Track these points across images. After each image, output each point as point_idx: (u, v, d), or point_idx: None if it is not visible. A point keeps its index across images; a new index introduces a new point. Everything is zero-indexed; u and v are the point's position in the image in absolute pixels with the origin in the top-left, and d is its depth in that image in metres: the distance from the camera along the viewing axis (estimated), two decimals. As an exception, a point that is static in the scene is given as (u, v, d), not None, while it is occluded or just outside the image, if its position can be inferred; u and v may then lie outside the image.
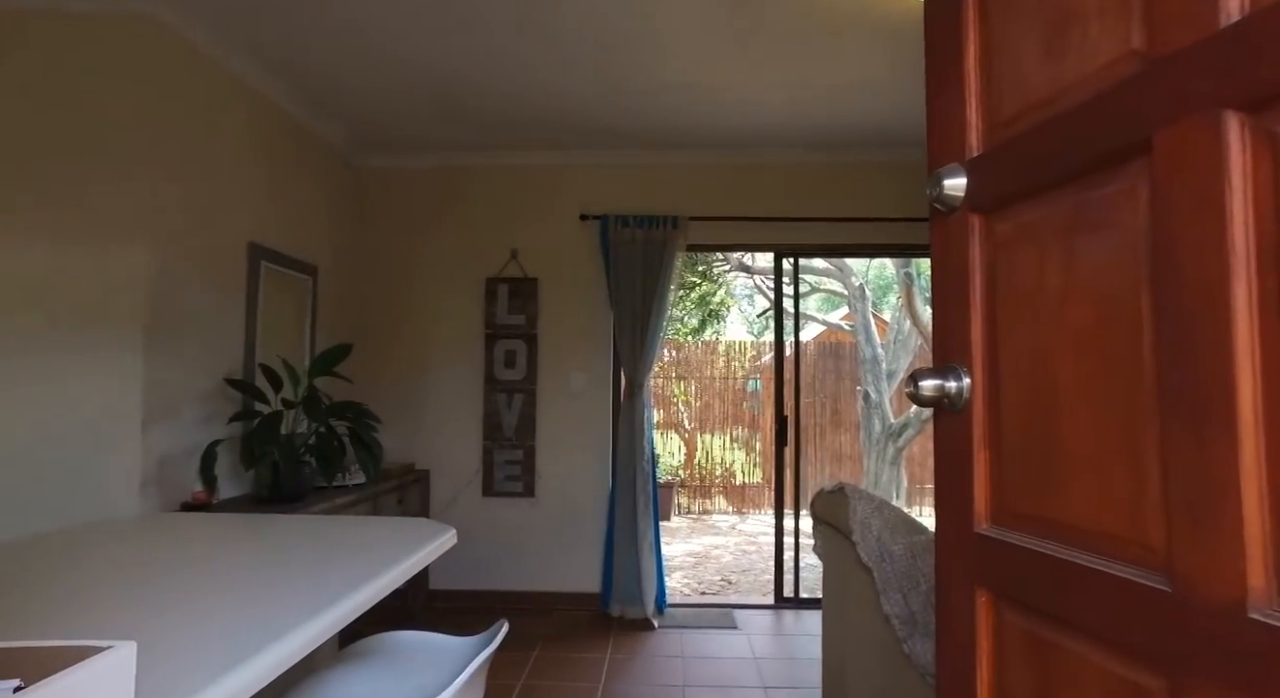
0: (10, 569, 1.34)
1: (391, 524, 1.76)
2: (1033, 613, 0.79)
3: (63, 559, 1.42)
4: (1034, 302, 0.82)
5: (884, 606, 1.95)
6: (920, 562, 1.89)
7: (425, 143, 4.19)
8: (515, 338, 4.28)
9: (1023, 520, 0.83)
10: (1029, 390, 0.83)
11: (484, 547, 4.24)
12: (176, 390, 2.75)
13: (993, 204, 0.90)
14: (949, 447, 0.98)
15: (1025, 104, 0.82)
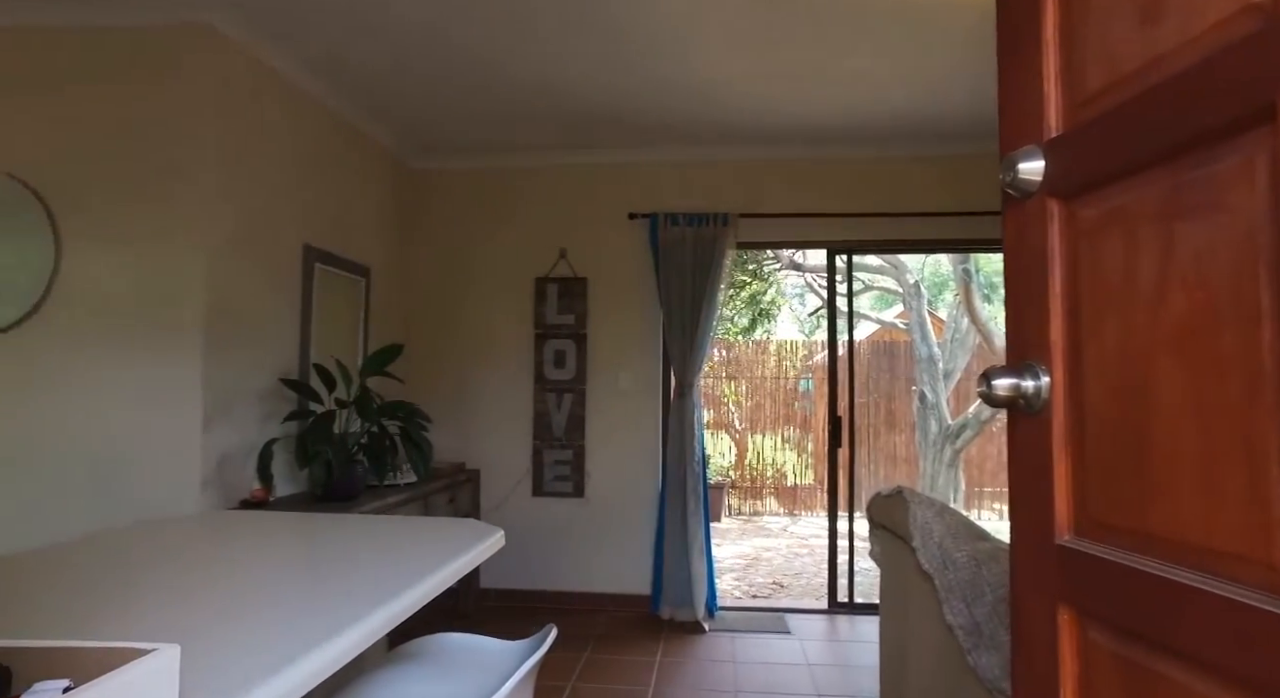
0: (69, 567, 1.36)
1: (441, 525, 1.75)
2: (1127, 636, 0.72)
3: (120, 557, 1.45)
4: (1126, 293, 0.75)
5: (946, 615, 1.86)
6: (985, 570, 1.80)
7: (475, 144, 4.22)
8: (564, 338, 4.28)
9: (1113, 533, 0.76)
10: (1120, 390, 0.76)
11: (534, 547, 4.25)
12: (234, 390, 2.81)
13: (1075, 188, 0.83)
14: (1025, 451, 0.91)
15: (1115, 76, 0.75)
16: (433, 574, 1.33)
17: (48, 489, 2.65)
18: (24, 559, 1.40)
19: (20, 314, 2.68)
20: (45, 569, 1.35)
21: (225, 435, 2.75)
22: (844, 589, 4.26)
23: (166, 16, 2.69)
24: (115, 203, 2.69)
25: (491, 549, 1.62)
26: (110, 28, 2.72)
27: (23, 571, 1.33)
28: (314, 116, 3.37)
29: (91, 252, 2.69)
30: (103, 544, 1.53)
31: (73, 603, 1.14)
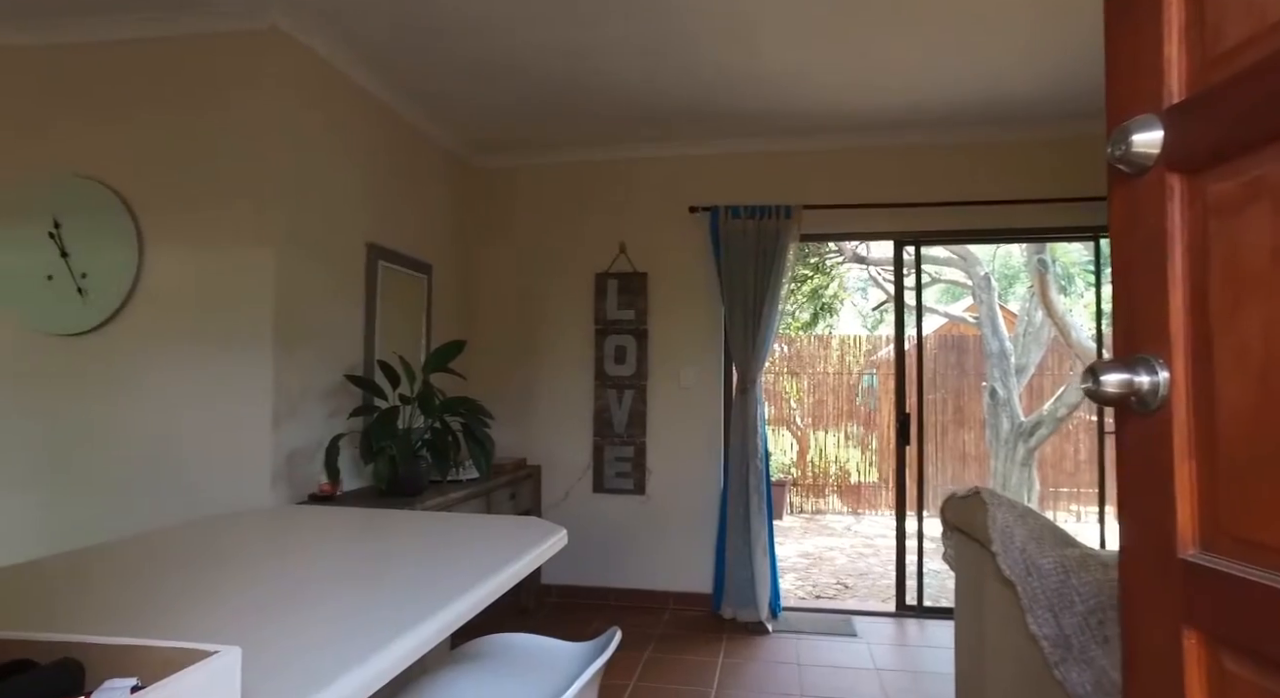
0: (143, 561, 1.39)
1: (503, 522, 1.73)
2: (1274, 668, 0.63)
3: (191, 552, 1.47)
4: (1269, 278, 0.66)
5: (1030, 625, 1.75)
6: (1074, 579, 1.68)
7: (534, 141, 4.22)
8: (625, 333, 4.25)
9: (1252, 549, 0.67)
10: (1259, 388, 0.67)
11: (595, 543, 4.24)
12: (302, 387, 2.87)
13: (1202, 160, 0.74)
14: (1139, 454, 0.82)
15: (1257, 27, 0.66)
16: (496, 574, 1.31)
17: (129, 483, 2.76)
18: (100, 552, 1.44)
19: (107, 315, 2.79)
20: (121, 563, 1.38)
21: (294, 431, 2.81)
22: (913, 592, 4.12)
23: (235, 23, 2.76)
24: (191, 206, 2.78)
25: (554, 549, 1.60)
26: (183, 37, 2.81)
27: (99, 564, 1.37)
28: (376, 116, 3.42)
29: (170, 254, 2.79)
30: (175, 539, 1.56)
31: (143, 598, 1.15)
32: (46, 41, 2.89)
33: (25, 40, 2.90)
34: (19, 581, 1.26)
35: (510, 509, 3.76)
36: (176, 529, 1.62)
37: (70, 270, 2.81)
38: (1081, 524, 7.11)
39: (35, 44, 2.90)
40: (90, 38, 2.86)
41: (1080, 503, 7.39)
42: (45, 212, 2.84)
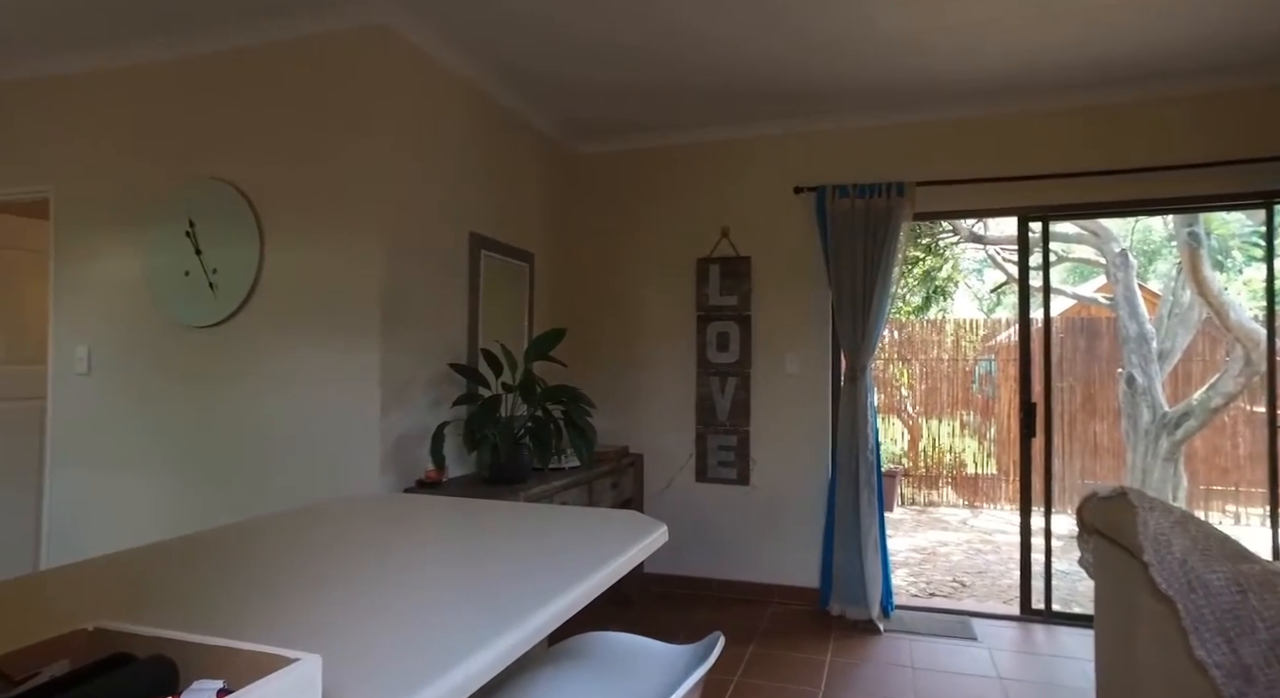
0: (246, 548, 1.42)
1: (602, 516, 1.69)
2: None
3: (290, 542, 1.50)
4: None
5: (1196, 649, 1.54)
6: (1255, 600, 1.46)
7: (633, 125, 4.16)
8: (728, 320, 4.13)
9: None
10: None
11: (698, 534, 4.17)
12: (409, 375, 2.94)
13: None
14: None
15: None
16: (597, 571, 1.26)
17: (254, 465, 2.92)
18: (208, 539, 1.49)
19: (234, 308, 2.96)
20: (226, 549, 1.42)
21: (401, 418, 2.89)
22: (1039, 594, 3.82)
23: (347, 23, 2.83)
24: (305, 201, 2.89)
25: (654, 546, 1.53)
26: (299, 39, 2.91)
27: (205, 550, 1.41)
28: (477, 107, 3.45)
29: (287, 248, 2.91)
30: (279, 526, 1.60)
31: (242, 590, 1.17)
32: (182, 55, 3.07)
33: (165, 56, 3.09)
34: (130, 565, 1.31)
35: (612, 498, 3.74)
36: (283, 516, 1.67)
37: (203, 267, 2.99)
38: (1243, 528, 6.43)
39: (173, 58, 3.08)
40: (220, 48, 3.01)
41: (1240, 504, 6.67)
42: (183, 213, 3.03)
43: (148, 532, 3.07)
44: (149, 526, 3.08)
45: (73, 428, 3.25)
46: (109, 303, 3.20)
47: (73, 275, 3.29)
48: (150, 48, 3.10)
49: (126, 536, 3.10)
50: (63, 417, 3.27)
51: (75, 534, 3.22)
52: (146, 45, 3.10)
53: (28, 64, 3.32)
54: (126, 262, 3.17)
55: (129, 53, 3.15)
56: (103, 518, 3.17)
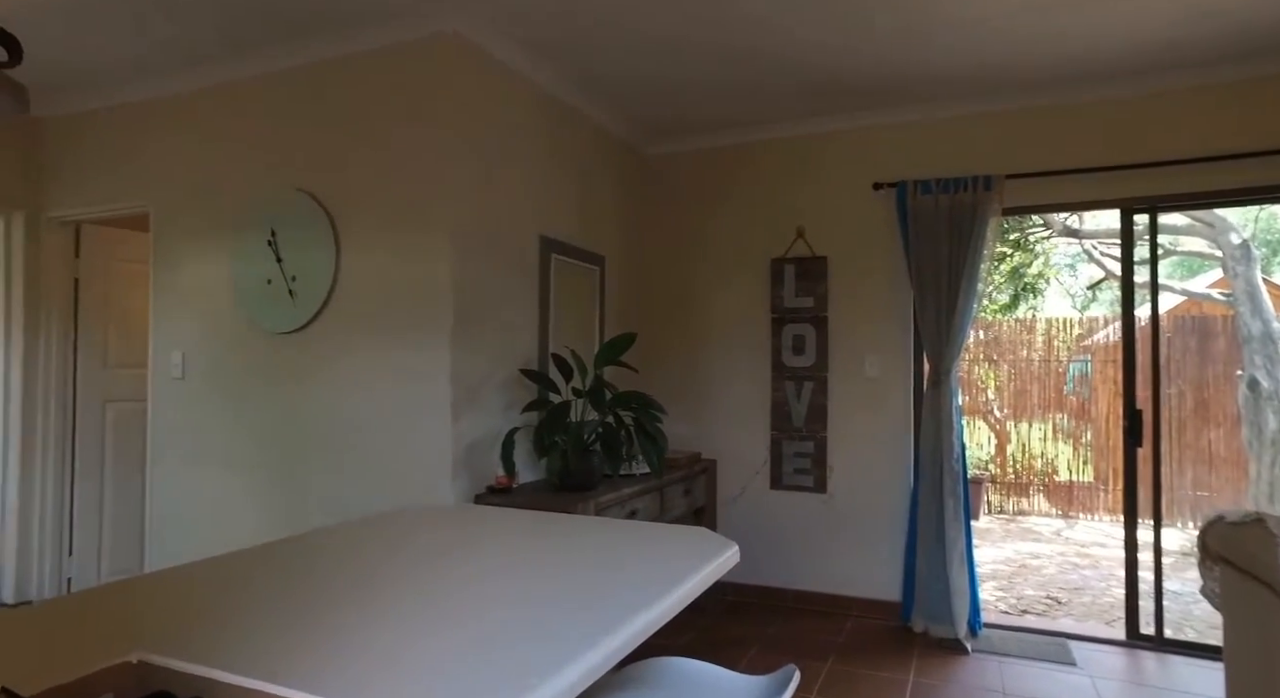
0: (308, 563, 1.41)
1: (671, 535, 1.61)
2: None
3: (356, 555, 1.49)
4: None
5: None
6: None
7: (703, 123, 4.07)
8: (803, 322, 4.00)
9: None
10: None
11: (772, 542, 4.05)
12: (480, 380, 2.95)
13: None
14: None
15: None
16: (664, 598, 1.19)
17: (332, 469, 2.98)
18: (267, 553, 1.49)
19: (312, 314, 3.03)
20: (285, 564, 1.41)
21: (472, 423, 2.89)
22: (1148, 616, 3.53)
23: (418, 31, 2.85)
24: (378, 209, 2.93)
25: (725, 567, 1.45)
26: (373, 51, 2.96)
27: (263, 565, 1.41)
28: (548, 110, 3.43)
29: (361, 255, 2.96)
30: (345, 539, 1.59)
31: (289, 616, 1.15)
32: (266, 71, 3.17)
33: (250, 73, 3.20)
34: (179, 585, 1.31)
35: (684, 505, 3.67)
36: (342, 530, 1.67)
37: (284, 274, 3.08)
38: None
39: (258, 75, 3.19)
40: (300, 62, 3.09)
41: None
42: (265, 223, 3.13)
43: (237, 528, 3.19)
44: (238, 522, 3.19)
45: (169, 429, 3.41)
46: (201, 310, 3.34)
47: (169, 284, 3.45)
48: (237, 67, 3.21)
49: (218, 531, 3.24)
50: (160, 418, 3.44)
51: (173, 528, 3.38)
52: (233, 65, 3.21)
53: (129, 89, 3.50)
54: (216, 270, 3.29)
55: (217, 72, 3.27)
56: (197, 513, 3.31)
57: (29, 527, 3.80)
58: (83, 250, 3.93)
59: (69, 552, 3.90)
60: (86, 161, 3.70)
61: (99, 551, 3.98)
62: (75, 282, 3.92)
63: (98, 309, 3.97)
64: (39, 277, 3.81)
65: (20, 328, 3.77)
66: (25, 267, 3.79)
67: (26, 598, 3.81)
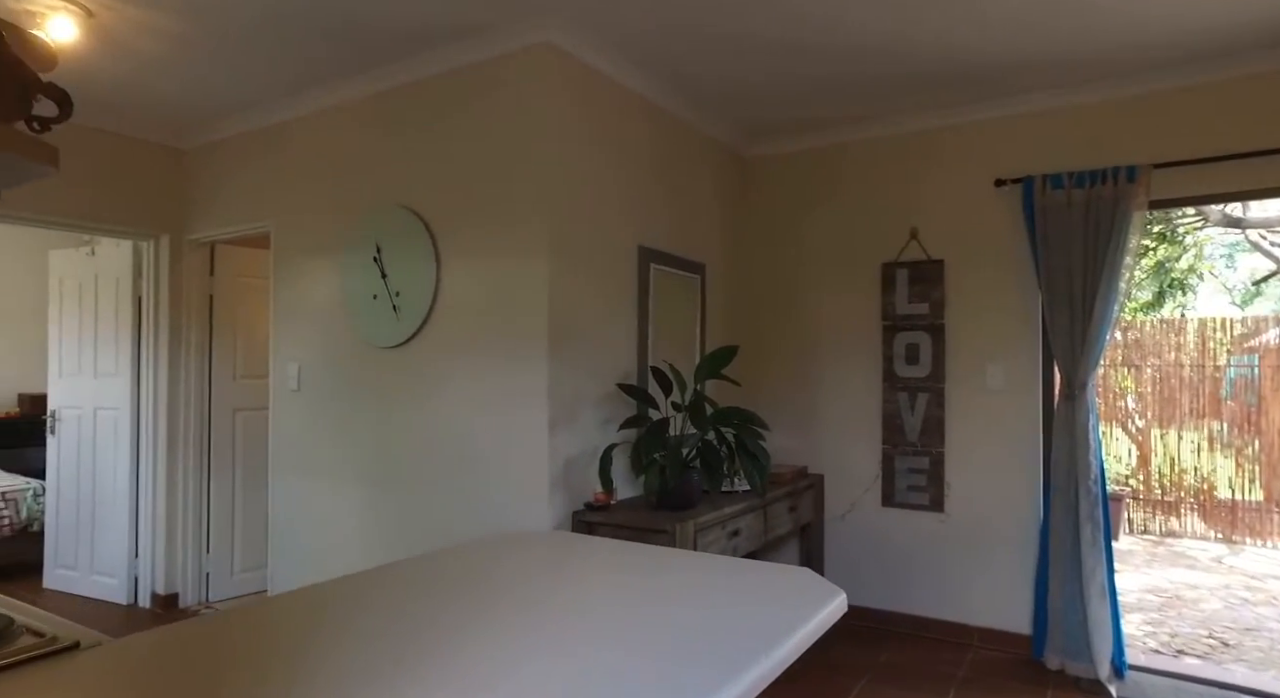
0: (396, 596, 1.39)
1: (774, 575, 1.49)
2: None
3: (445, 587, 1.45)
4: None
5: None
6: None
7: (811, 123, 3.89)
8: (918, 329, 3.74)
9: None
10: None
11: (884, 563, 3.82)
12: (576, 395, 2.91)
13: None
14: None
15: None
16: (770, 653, 1.07)
17: (433, 482, 3.03)
18: (334, 594, 1.48)
19: (415, 329, 3.09)
20: (374, 597, 1.39)
21: (570, 438, 2.86)
22: (1335, 668, 3.05)
23: (513, 44, 2.84)
24: (475, 223, 2.95)
25: (834, 617, 1.32)
26: (470, 65, 2.98)
27: (353, 597, 1.39)
28: (643, 115, 3.37)
29: (459, 270, 2.99)
30: (435, 570, 1.56)
31: (360, 665, 1.11)
32: (371, 92, 3.27)
33: (357, 94, 3.31)
34: (253, 627, 1.30)
35: (789, 523, 3.51)
36: (424, 561, 1.64)
37: (388, 290, 3.16)
38: None
39: (364, 95, 3.30)
40: (402, 81, 3.17)
41: None
42: (372, 239, 3.23)
43: (344, 534, 3.31)
44: (345, 528, 3.31)
45: (286, 438, 3.58)
46: (314, 325, 3.49)
47: (287, 300, 3.62)
48: (344, 90, 3.33)
49: (327, 536, 3.37)
50: (279, 428, 3.62)
51: (291, 532, 3.55)
52: (341, 88, 3.33)
53: (251, 116, 3.71)
54: (328, 286, 3.43)
55: (327, 96, 3.41)
56: (309, 518, 3.46)
57: (174, 525, 4.11)
58: (216, 268, 4.22)
59: (206, 549, 4.19)
60: (218, 185, 3.96)
61: (232, 549, 4.25)
62: (210, 298, 4.21)
63: (228, 323, 4.25)
64: (180, 294, 4.12)
65: (165, 341, 4.09)
66: (170, 285, 4.10)
67: (174, 590, 4.12)
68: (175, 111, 3.74)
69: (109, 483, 4.22)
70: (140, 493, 4.14)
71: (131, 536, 4.15)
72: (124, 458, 4.15)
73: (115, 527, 4.19)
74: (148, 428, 4.11)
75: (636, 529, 2.68)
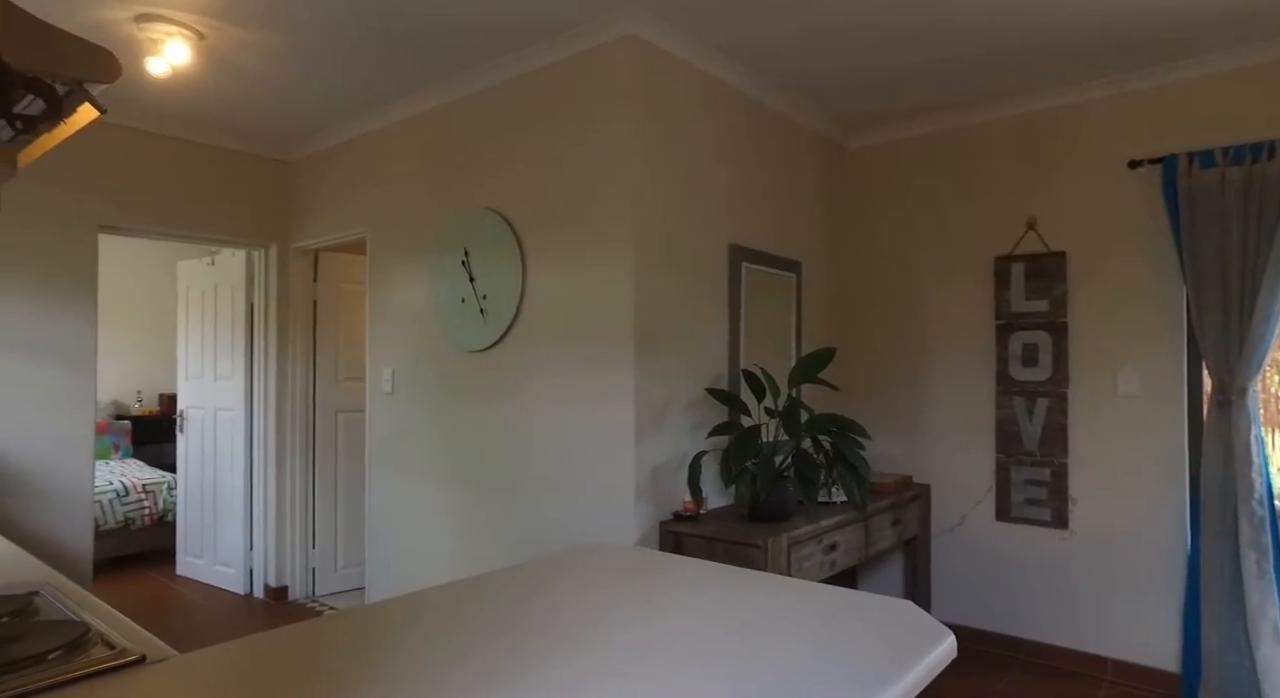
0: (459, 618, 1.31)
1: (874, 608, 1.33)
2: None
3: (514, 607, 1.37)
4: None
5: None
6: None
7: (916, 109, 3.62)
8: (1036, 328, 3.42)
9: None
10: None
11: (999, 582, 3.51)
12: (664, 399, 2.80)
13: None
14: None
15: None
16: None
17: (519, 487, 2.99)
18: (394, 615, 1.42)
19: (501, 333, 3.07)
20: (438, 619, 1.32)
21: (657, 445, 2.75)
22: None
23: (597, 38, 2.77)
24: (560, 223, 2.90)
25: (940, 664, 1.15)
26: (551, 65, 2.93)
27: (414, 619, 1.33)
28: (737, 109, 3.22)
29: (544, 272, 2.95)
30: (503, 589, 1.49)
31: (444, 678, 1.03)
32: (459, 96, 3.28)
33: (445, 98, 3.34)
34: (304, 646, 1.26)
35: (893, 536, 3.27)
36: (494, 579, 1.56)
37: (475, 293, 3.16)
38: None
39: (453, 100, 3.32)
40: (489, 83, 3.16)
41: None
42: (460, 242, 3.24)
43: (434, 537, 3.33)
44: (435, 531, 3.34)
45: (381, 440, 3.66)
46: (407, 329, 3.55)
47: (381, 304, 3.70)
48: (433, 95, 3.36)
49: (421, 538, 3.40)
50: (375, 430, 3.70)
51: (386, 531, 3.62)
52: (430, 94, 3.37)
53: (348, 126, 3.82)
54: (419, 291, 3.47)
55: (416, 103, 3.45)
56: (404, 519, 3.51)
57: (283, 522, 4.29)
58: (320, 275, 4.38)
59: (312, 545, 4.35)
60: (320, 194, 4.10)
61: (335, 545, 4.40)
62: (314, 303, 4.38)
63: (331, 328, 4.40)
64: (287, 300, 4.30)
65: (274, 345, 4.28)
66: (278, 291, 4.29)
67: (283, 583, 4.30)
68: (280, 125, 3.90)
69: (227, 479, 4.46)
70: (253, 489, 4.35)
71: (246, 529, 4.37)
72: (239, 456, 4.38)
73: (233, 520, 4.42)
74: (259, 428, 4.32)
75: (727, 542, 2.55)
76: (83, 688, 0.99)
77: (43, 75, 1.04)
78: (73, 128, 1.18)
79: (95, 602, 1.37)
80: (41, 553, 3.46)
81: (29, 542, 3.42)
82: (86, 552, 3.59)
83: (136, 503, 5.05)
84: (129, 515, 5.01)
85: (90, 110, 1.12)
